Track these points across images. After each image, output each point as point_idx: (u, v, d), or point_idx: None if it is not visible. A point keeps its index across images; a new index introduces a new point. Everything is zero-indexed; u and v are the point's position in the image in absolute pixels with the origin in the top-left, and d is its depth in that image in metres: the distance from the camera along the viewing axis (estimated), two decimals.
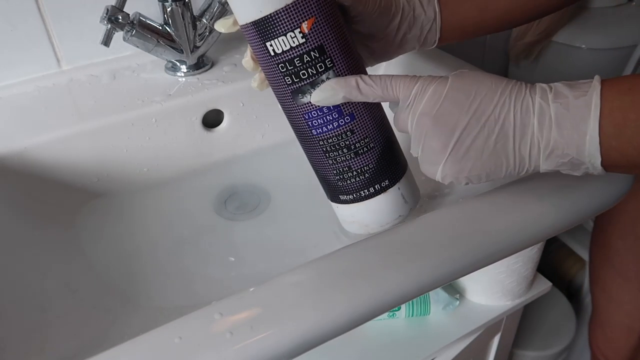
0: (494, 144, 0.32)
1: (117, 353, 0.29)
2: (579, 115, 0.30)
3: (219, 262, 0.49)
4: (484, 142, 0.32)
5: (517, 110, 0.31)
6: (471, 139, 0.32)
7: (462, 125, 0.32)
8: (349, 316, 0.32)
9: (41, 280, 0.43)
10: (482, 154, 0.32)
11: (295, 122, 0.37)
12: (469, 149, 0.32)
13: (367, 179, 0.37)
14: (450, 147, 0.32)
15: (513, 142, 0.32)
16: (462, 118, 0.32)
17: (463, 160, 0.33)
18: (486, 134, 0.32)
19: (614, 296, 0.73)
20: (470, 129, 0.32)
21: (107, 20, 0.51)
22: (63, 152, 0.51)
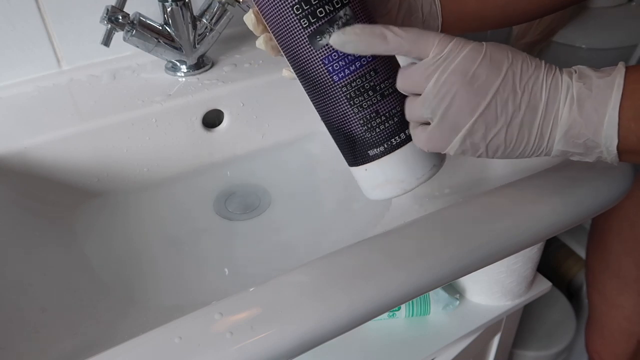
0: (522, 115, 0.31)
1: (117, 353, 0.29)
2: (600, 95, 0.30)
3: (219, 262, 0.49)
4: (513, 111, 0.31)
5: (548, 85, 0.31)
6: (502, 105, 0.31)
7: (494, 89, 0.31)
8: (349, 316, 0.32)
9: (41, 280, 0.43)
10: (510, 124, 0.31)
11: (312, 73, 0.34)
12: (498, 115, 0.31)
13: (397, 123, 0.35)
14: (480, 109, 0.31)
15: (540, 117, 0.31)
16: (496, 82, 0.31)
17: (489, 127, 0.31)
18: (518, 103, 0.31)
19: (612, 300, 0.73)
20: (503, 95, 0.31)
21: (107, 20, 0.51)
22: (63, 152, 0.51)
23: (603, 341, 0.77)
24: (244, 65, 0.61)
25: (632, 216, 0.66)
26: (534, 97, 0.31)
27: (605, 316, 0.75)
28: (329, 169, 0.59)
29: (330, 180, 0.58)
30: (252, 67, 0.60)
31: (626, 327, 0.73)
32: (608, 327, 0.75)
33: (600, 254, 0.73)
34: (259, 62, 0.61)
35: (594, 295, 0.76)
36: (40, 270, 0.44)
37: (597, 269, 0.74)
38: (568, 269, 1.11)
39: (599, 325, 0.77)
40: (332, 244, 0.42)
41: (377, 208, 0.53)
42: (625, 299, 0.71)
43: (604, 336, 0.77)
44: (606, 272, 0.72)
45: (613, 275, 0.71)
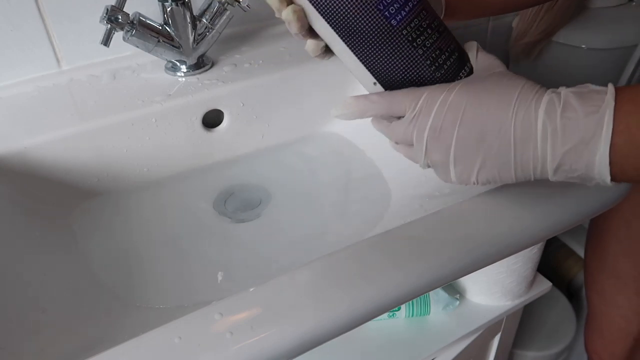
0: (495, 156, 0.32)
1: (117, 353, 0.29)
2: (589, 133, 0.29)
3: (219, 262, 0.49)
4: (485, 154, 0.32)
5: (518, 125, 0.31)
6: (469, 151, 0.33)
7: (454, 139, 0.33)
8: (349, 316, 0.32)
9: (41, 280, 0.43)
10: (485, 165, 0.33)
11: (368, 24, 0.33)
12: (471, 160, 0.33)
13: (458, 57, 0.35)
14: (451, 158, 0.34)
15: (514, 155, 0.32)
16: (454, 132, 0.33)
17: (469, 169, 0.34)
18: (487, 145, 0.32)
19: (610, 300, 0.73)
20: (466, 142, 0.33)
21: (107, 20, 0.51)
22: (63, 152, 0.51)
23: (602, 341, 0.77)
24: (244, 65, 0.61)
25: (629, 216, 0.67)
26: (505, 137, 0.32)
27: (603, 316, 0.75)
28: (329, 169, 0.59)
29: (330, 180, 0.58)
30: (252, 67, 0.60)
31: (624, 327, 0.73)
32: (606, 326, 0.76)
33: (598, 254, 0.73)
34: (259, 62, 0.61)
35: (592, 295, 0.76)
36: (40, 270, 0.44)
37: (595, 269, 0.74)
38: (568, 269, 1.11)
39: (598, 325, 0.77)
40: (332, 244, 0.42)
41: (377, 208, 0.53)
42: (622, 298, 0.71)
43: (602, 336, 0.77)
44: (604, 272, 0.73)
45: (611, 275, 0.72)
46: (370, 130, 0.42)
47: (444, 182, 0.36)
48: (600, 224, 0.71)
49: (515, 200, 0.39)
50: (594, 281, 0.75)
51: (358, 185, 0.57)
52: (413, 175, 0.55)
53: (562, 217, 0.39)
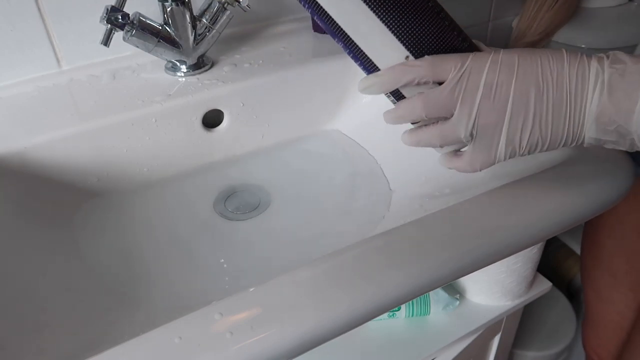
0: (549, 110, 0.32)
1: (117, 353, 0.29)
2: (633, 81, 0.29)
3: (219, 262, 0.49)
4: (539, 108, 0.32)
5: (574, 75, 0.31)
6: (524, 107, 0.32)
7: (511, 95, 0.32)
8: (349, 316, 0.32)
9: (41, 280, 0.43)
10: (540, 121, 0.32)
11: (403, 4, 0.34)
12: (524, 117, 0.32)
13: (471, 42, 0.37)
14: (507, 117, 0.32)
15: (566, 108, 0.31)
16: (511, 87, 0.32)
17: (522, 130, 0.32)
18: (542, 99, 0.32)
19: (604, 295, 0.74)
20: (522, 98, 0.32)
21: (107, 20, 0.51)
22: (63, 152, 0.51)
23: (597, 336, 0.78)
24: (244, 65, 0.61)
25: (622, 213, 0.67)
26: (559, 90, 0.31)
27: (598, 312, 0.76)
28: (329, 169, 0.59)
29: (330, 180, 0.58)
30: (252, 67, 0.60)
31: (618, 322, 0.73)
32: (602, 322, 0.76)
33: (593, 250, 0.73)
34: (259, 62, 0.61)
35: (588, 292, 0.77)
36: (40, 270, 0.44)
37: (590, 265, 0.75)
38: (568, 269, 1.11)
39: (594, 321, 0.78)
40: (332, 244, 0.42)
41: (377, 208, 0.53)
42: (616, 294, 0.72)
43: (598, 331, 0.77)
44: (599, 268, 0.73)
45: (605, 271, 0.72)
46: (371, 130, 0.42)
47: (485, 167, 0.35)
48: (594, 221, 0.72)
49: (515, 200, 0.39)
50: (589, 277, 0.76)
51: (358, 185, 0.57)
52: (414, 175, 0.55)
53: (562, 217, 0.39)
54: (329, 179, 0.58)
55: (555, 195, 0.40)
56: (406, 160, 0.57)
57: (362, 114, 0.63)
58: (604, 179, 0.41)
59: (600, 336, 0.77)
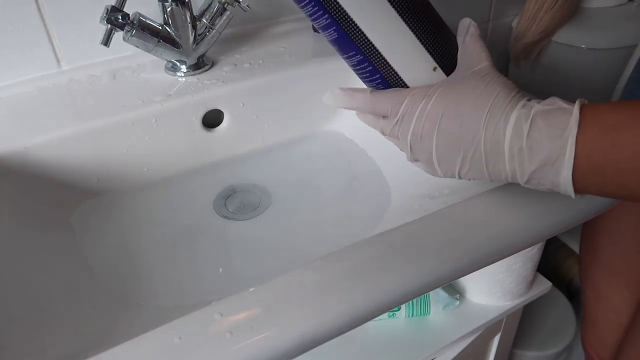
0: (470, 162, 0.34)
1: (117, 353, 0.29)
2: (554, 155, 0.31)
3: (219, 262, 0.49)
4: (466, 160, 0.34)
5: (488, 139, 0.33)
6: (452, 157, 0.35)
7: (438, 145, 0.35)
8: (349, 316, 0.32)
9: (41, 280, 0.43)
10: (465, 165, 0.35)
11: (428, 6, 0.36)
12: (453, 162, 0.35)
13: None
14: (434, 162, 0.36)
15: (486, 166, 0.34)
16: (438, 139, 0.35)
17: (449, 170, 0.36)
18: (464, 152, 0.34)
19: (602, 293, 0.74)
20: (445, 148, 0.35)
21: (107, 20, 0.51)
22: (63, 152, 0.51)
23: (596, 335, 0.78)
24: (244, 65, 0.61)
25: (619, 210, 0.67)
26: (477, 148, 0.33)
27: (596, 309, 0.76)
28: (329, 169, 0.59)
29: (330, 180, 0.58)
30: (252, 67, 0.60)
31: (615, 319, 0.73)
32: (599, 320, 0.76)
33: (590, 248, 0.74)
34: (259, 62, 0.61)
35: (586, 291, 0.77)
36: (41, 270, 0.44)
37: (588, 263, 0.75)
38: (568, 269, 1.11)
39: (592, 320, 0.78)
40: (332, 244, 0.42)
41: (377, 208, 0.53)
42: (613, 291, 0.72)
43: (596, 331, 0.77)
44: (597, 267, 0.73)
45: (602, 268, 0.72)
46: (371, 130, 0.42)
47: (432, 175, 0.38)
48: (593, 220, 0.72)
49: (515, 200, 0.39)
50: (587, 276, 0.76)
51: (358, 185, 0.57)
52: (413, 175, 0.55)
53: (562, 217, 0.39)
54: (328, 179, 0.58)
55: (555, 195, 0.39)
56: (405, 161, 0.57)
57: None
58: None
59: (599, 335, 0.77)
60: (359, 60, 0.37)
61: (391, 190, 0.55)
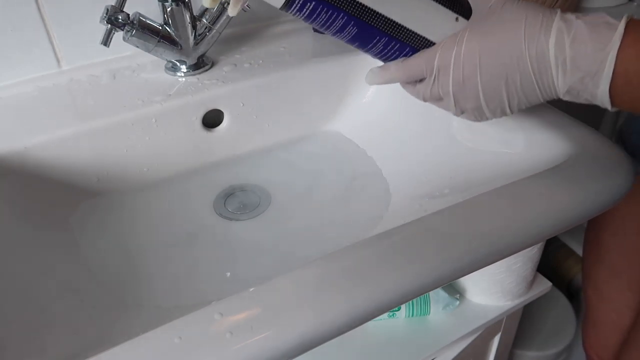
0: (521, 88, 0.35)
1: (117, 353, 0.29)
2: (594, 68, 0.32)
3: (219, 262, 0.49)
4: (511, 92, 0.36)
5: (533, 59, 0.34)
6: (498, 94, 0.36)
7: (484, 84, 0.36)
8: (349, 316, 0.32)
9: (41, 280, 0.43)
10: (514, 96, 0.36)
11: None
12: (500, 99, 0.36)
13: None
14: (482, 105, 0.37)
15: (536, 84, 0.35)
16: (483, 78, 0.36)
17: (498, 107, 0.37)
18: (511, 86, 0.35)
19: (604, 294, 0.73)
20: (491, 85, 0.36)
21: (107, 20, 0.51)
22: (63, 152, 0.51)
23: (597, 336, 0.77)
24: (244, 65, 0.61)
25: (623, 210, 0.67)
26: (525, 74, 0.35)
27: (597, 310, 0.76)
28: (329, 169, 0.59)
29: (330, 179, 0.58)
30: (252, 67, 0.60)
31: (617, 320, 0.73)
32: (600, 321, 0.76)
33: (593, 248, 0.73)
34: (259, 62, 0.61)
35: (588, 290, 0.77)
36: (40, 270, 0.44)
37: (590, 263, 0.75)
38: (568, 269, 1.11)
39: (593, 320, 0.77)
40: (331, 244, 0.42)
41: (377, 208, 0.53)
42: (615, 292, 0.72)
43: (597, 331, 0.77)
44: (598, 265, 0.73)
45: (605, 269, 0.72)
46: (371, 131, 0.42)
47: (479, 122, 0.40)
48: (597, 220, 0.71)
49: (515, 200, 0.39)
50: (589, 276, 0.75)
51: (358, 185, 0.57)
52: (413, 175, 0.55)
53: (562, 217, 0.39)
54: (328, 179, 0.58)
55: (555, 195, 0.40)
56: (405, 161, 0.57)
57: (362, 114, 0.63)
58: (604, 179, 0.41)
59: (600, 336, 0.77)
60: (385, 42, 0.39)
61: (391, 190, 0.55)
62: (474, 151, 0.52)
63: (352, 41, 0.40)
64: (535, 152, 0.47)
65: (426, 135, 0.57)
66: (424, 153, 0.56)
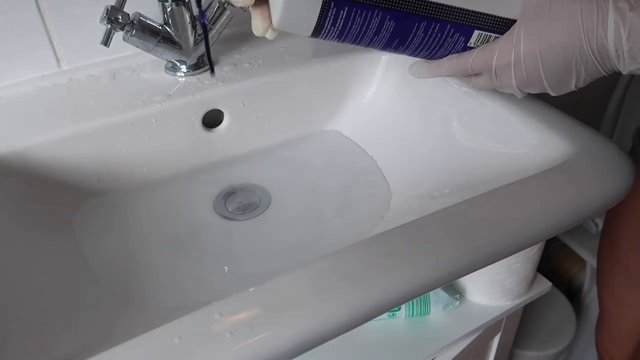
0: (585, 72, 0.37)
1: (117, 353, 0.29)
2: None
3: (219, 262, 0.49)
4: (576, 76, 0.38)
5: (595, 50, 0.36)
6: (560, 83, 0.38)
7: (548, 80, 0.38)
8: (349, 316, 0.32)
9: (41, 280, 0.43)
10: (579, 80, 0.38)
11: None
12: (562, 85, 0.39)
13: None
14: (548, 90, 0.39)
15: (601, 68, 0.37)
16: (547, 74, 0.38)
17: (563, 90, 0.39)
18: (576, 73, 0.37)
19: (622, 300, 0.73)
20: (555, 79, 0.38)
21: (107, 20, 0.51)
22: (63, 152, 0.51)
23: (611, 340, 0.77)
24: (244, 65, 0.61)
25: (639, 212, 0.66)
26: (588, 60, 0.36)
27: (613, 314, 0.75)
28: (329, 169, 0.59)
29: (330, 179, 0.58)
30: (252, 67, 0.60)
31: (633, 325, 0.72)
32: (616, 325, 0.75)
33: (610, 253, 0.72)
34: (259, 62, 0.61)
35: (603, 293, 0.76)
36: (40, 270, 0.44)
37: (607, 268, 0.74)
38: (568, 269, 1.12)
39: (608, 323, 0.77)
40: (332, 244, 0.42)
41: (377, 208, 0.53)
42: (632, 296, 0.71)
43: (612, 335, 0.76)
44: (614, 269, 0.72)
45: (621, 272, 0.71)
46: (371, 131, 0.42)
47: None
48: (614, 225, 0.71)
49: (515, 200, 0.39)
50: (605, 279, 0.74)
51: (358, 185, 0.57)
52: (413, 175, 0.55)
53: (562, 217, 0.39)
54: (328, 179, 0.58)
55: (555, 195, 0.40)
56: (405, 161, 0.57)
57: (362, 114, 0.63)
58: (604, 179, 0.41)
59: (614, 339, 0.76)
60: (425, 27, 0.39)
61: (391, 190, 0.55)
62: (474, 151, 0.52)
63: (392, 39, 0.39)
64: (535, 152, 0.47)
65: (426, 135, 0.57)
66: (424, 153, 0.56)
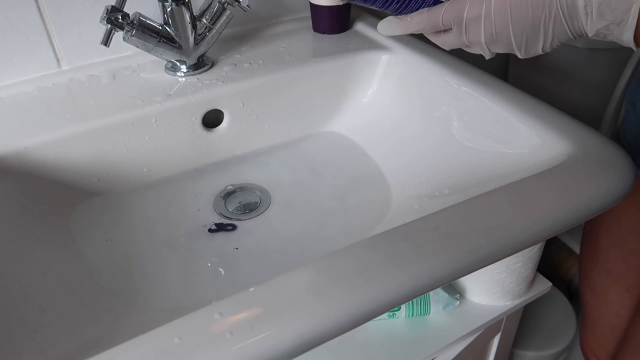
0: (552, 32, 0.39)
1: (117, 353, 0.29)
2: (619, 18, 0.36)
3: (219, 262, 0.49)
4: (544, 34, 0.39)
5: (564, 6, 0.37)
6: (528, 39, 0.39)
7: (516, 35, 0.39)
8: (349, 316, 0.32)
9: (41, 280, 0.43)
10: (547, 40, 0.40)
11: None
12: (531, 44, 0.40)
13: None
14: (516, 49, 0.41)
15: (569, 28, 0.39)
16: (515, 30, 0.39)
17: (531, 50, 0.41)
18: (543, 29, 0.39)
19: (601, 295, 0.73)
20: (523, 34, 0.39)
21: (107, 20, 0.51)
22: (63, 152, 0.51)
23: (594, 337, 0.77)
24: (244, 65, 0.61)
25: (620, 211, 0.67)
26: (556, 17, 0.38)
27: (595, 312, 0.75)
28: (329, 169, 0.59)
29: (330, 180, 0.58)
30: (252, 67, 0.61)
31: (615, 323, 0.73)
32: (598, 323, 0.75)
33: (591, 249, 0.73)
34: (259, 62, 0.61)
35: (585, 291, 0.76)
36: (40, 270, 0.44)
37: (588, 264, 0.74)
38: (568, 269, 1.12)
39: (591, 322, 0.77)
40: (331, 244, 0.42)
41: (377, 208, 0.53)
42: (613, 294, 0.71)
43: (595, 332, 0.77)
44: (596, 267, 0.73)
45: (602, 270, 0.72)
46: (371, 131, 0.42)
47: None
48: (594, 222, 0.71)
49: (515, 200, 0.39)
50: (587, 277, 0.75)
51: (358, 185, 0.57)
52: (413, 175, 0.55)
53: (562, 217, 0.39)
54: (328, 179, 0.58)
55: (555, 195, 0.40)
56: (405, 161, 0.57)
57: (362, 114, 0.63)
58: (604, 179, 0.41)
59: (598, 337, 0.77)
60: None
61: (391, 190, 0.55)
62: (474, 151, 0.52)
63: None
64: (535, 152, 0.47)
65: (426, 135, 0.57)
66: (424, 153, 0.56)
